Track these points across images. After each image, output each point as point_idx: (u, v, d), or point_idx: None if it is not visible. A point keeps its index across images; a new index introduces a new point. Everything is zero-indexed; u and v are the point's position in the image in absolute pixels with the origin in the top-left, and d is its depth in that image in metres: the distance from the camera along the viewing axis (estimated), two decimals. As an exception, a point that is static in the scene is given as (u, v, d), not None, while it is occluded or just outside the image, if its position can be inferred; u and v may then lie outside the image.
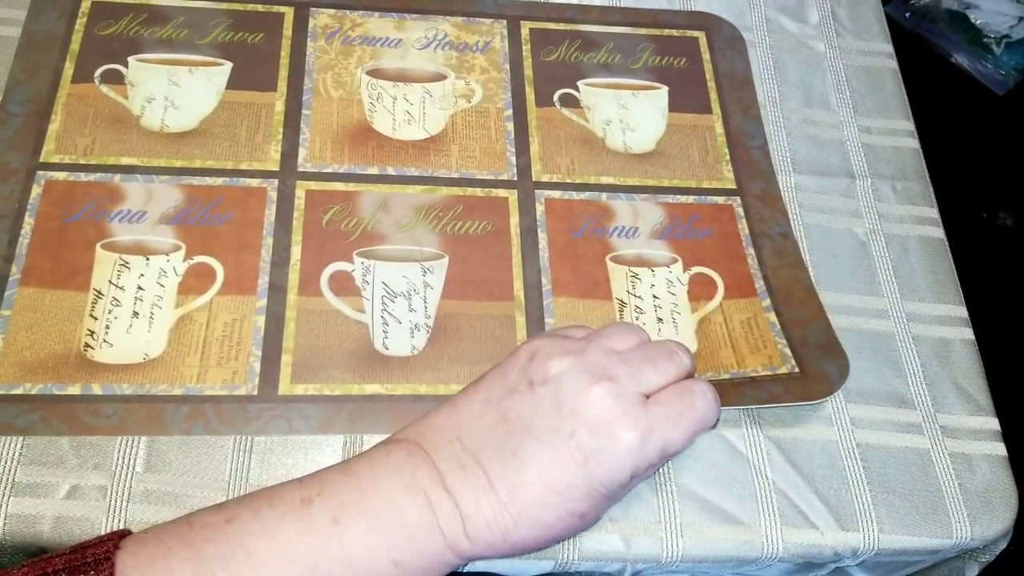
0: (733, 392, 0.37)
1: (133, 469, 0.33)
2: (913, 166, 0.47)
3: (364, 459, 0.30)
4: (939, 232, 0.45)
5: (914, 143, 0.48)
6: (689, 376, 0.32)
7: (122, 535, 0.27)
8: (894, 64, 0.51)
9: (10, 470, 0.33)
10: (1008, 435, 0.39)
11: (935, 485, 0.37)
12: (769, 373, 0.38)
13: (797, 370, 0.38)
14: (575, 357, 0.31)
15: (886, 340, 0.41)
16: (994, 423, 0.40)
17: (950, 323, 0.42)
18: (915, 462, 0.38)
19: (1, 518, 0.32)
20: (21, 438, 0.33)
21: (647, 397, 0.31)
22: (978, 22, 1.01)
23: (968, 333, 0.42)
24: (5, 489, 0.32)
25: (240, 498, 0.29)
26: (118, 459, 0.33)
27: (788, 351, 0.39)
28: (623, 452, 0.29)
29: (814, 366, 0.38)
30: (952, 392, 0.40)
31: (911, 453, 0.38)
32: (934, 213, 0.46)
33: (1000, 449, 0.39)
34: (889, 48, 0.52)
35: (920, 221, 0.45)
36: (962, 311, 0.43)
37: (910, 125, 0.49)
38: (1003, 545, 0.38)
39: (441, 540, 0.29)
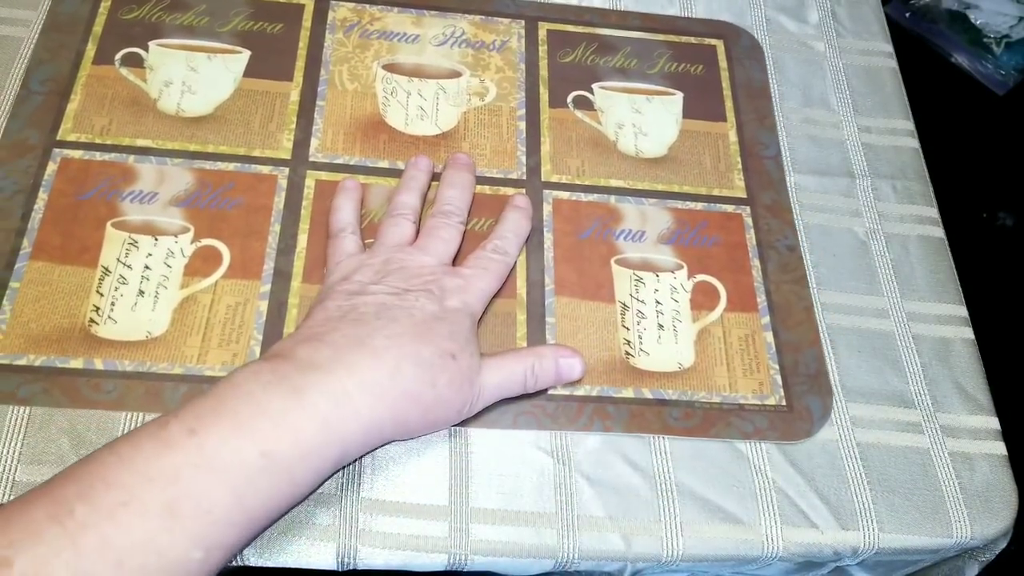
0: (721, 421, 0.38)
1: None
2: (913, 166, 0.47)
3: (223, 379, 0.30)
4: (939, 232, 0.45)
5: (914, 143, 0.48)
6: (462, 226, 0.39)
7: None
8: (894, 64, 0.51)
9: (10, 470, 0.33)
10: (1008, 435, 0.39)
11: (935, 484, 0.37)
12: (757, 403, 0.38)
13: (784, 403, 0.38)
14: (383, 265, 0.35)
15: (886, 340, 0.41)
16: (994, 423, 0.39)
17: (950, 323, 0.42)
18: (915, 461, 0.38)
19: None
20: (21, 438, 0.33)
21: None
22: (978, 22, 1.00)
23: (968, 333, 0.42)
24: (5, 489, 0.32)
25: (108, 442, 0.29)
26: None
27: (779, 378, 0.39)
28: (457, 305, 0.34)
29: (800, 400, 0.39)
30: (952, 392, 0.40)
31: (911, 452, 0.38)
32: (934, 213, 0.45)
33: (1000, 449, 0.39)
34: (889, 48, 0.51)
35: (920, 221, 0.45)
36: (962, 311, 0.42)
37: (910, 125, 0.48)
38: (1003, 544, 0.38)
39: (315, 416, 0.29)
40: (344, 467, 0.34)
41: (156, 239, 0.39)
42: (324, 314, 0.33)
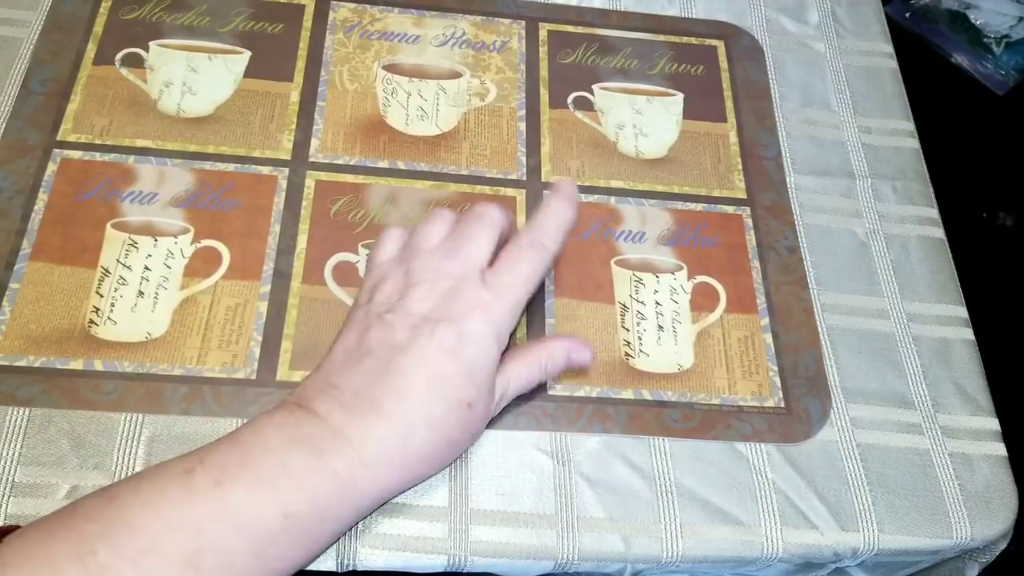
0: (720, 424, 0.38)
1: (133, 469, 0.33)
2: (913, 166, 0.47)
3: (247, 426, 0.30)
4: (939, 232, 0.45)
5: (914, 143, 0.48)
6: (508, 226, 0.36)
7: (8, 530, 0.27)
8: (894, 64, 0.51)
9: (10, 470, 0.33)
10: (1008, 435, 0.39)
11: (935, 485, 0.37)
12: (756, 405, 0.38)
13: (783, 406, 0.38)
14: (404, 277, 0.33)
15: (886, 340, 0.41)
16: (994, 423, 0.39)
17: (950, 323, 0.42)
18: (915, 462, 0.38)
19: (1, 518, 0.32)
20: (21, 439, 0.33)
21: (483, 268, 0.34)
22: (978, 22, 1.00)
23: (968, 333, 0.42)
24: (5, 489, 0.32)
25: (125, 478, 0.29)
26: (118, 459, 0.33)
27: (778, 380, 0.39)
28: (480, 328, 0.32)
29: (799, 403, 0.39)
30: (952, 392, 0.40)
31: (911, 453, 0.38)
32: (934, 213, 0.46)
33: (1000, 449, 0.39)
34: (889, 48, 0.51)
35: (920, 221, 0.45)
36: (962, 311, 0.42)
37: (910, 125, 0.48)
38: (1003, 545, 0.38)
39: (334, 481, 0.29)
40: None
41: (156, 240, 0.39)
42: (343, 353, 0.32)
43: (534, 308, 0.39)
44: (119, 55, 0.44)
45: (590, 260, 0.41)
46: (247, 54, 0.45)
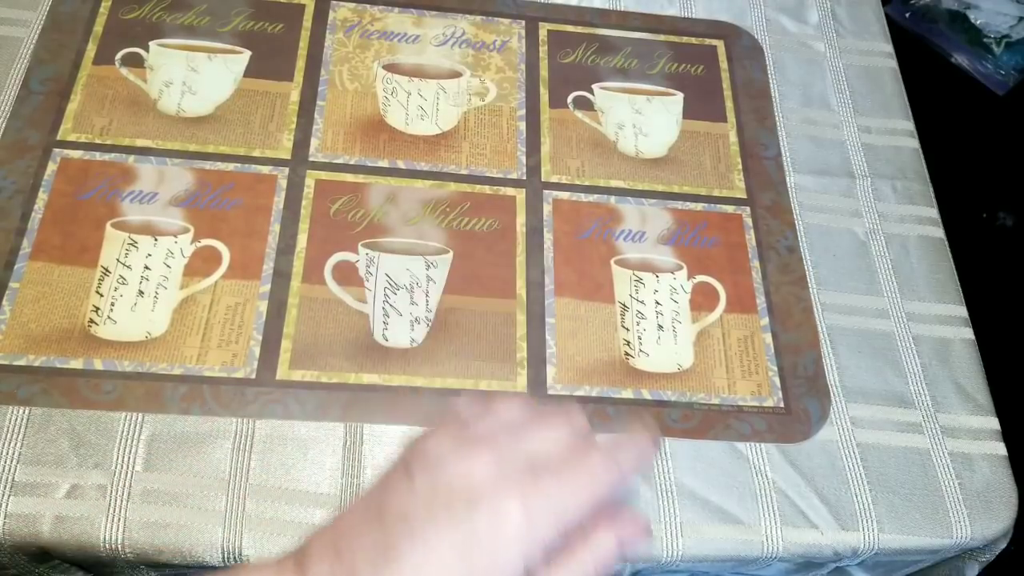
0: (720, 423, 0.38)
1: (133, 468, 0.33)
2: (913, 166, 0.47)
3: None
4: (939, 232, 0.45)
5: (914, 143, 0.48)
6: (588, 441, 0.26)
7: None
8: (894, 64, 0.51)
9: (10, 470, 0.33)
10: (1008, 435, 0.39)
11: (935, 485, 0.37)
12: (756, 404, 0.38)
13: (783, 406, 0.38)
14: (456, 433, 0.26)
15: (886, 340, 0.41)
16: (994, 423, 0.39)
17: (950, 323, 0.42)
18: (915, 462, 0.38)
19: (1, 517, 0.32)
20: (21, 438, 0.33)
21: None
22: (978, 22, 1.00)
23: (968, 333, 0.42)
24: (5, 489, 0.32)
25: None
26: (118, 458, 0.33)
27: (778, 380, 0.39)
28: (507, 529, 0.24)
29: (798, 403, 0.39)
30: (952, 392, 0.40)
31: (911, 453, 0.38)
32: (934, 213, 0.46)
33: (1000, 449, 0.39)
34: (889, 48, 0.52)
35: (920, 221, 0.45)
36: (962, 311, 0.43)
37: (910, 125, 0.49)
38: (1003, 544, 0.38)
39: None
40: (343, 470, 0.33)
41: (156, 239, 0.39)
42: (363, 507, 0.25)
43: (534, 308, 0.39)
44: (119, 55, 0.44)
45: (590, 260, 0.41)
46: (247, 54, 0.45)
